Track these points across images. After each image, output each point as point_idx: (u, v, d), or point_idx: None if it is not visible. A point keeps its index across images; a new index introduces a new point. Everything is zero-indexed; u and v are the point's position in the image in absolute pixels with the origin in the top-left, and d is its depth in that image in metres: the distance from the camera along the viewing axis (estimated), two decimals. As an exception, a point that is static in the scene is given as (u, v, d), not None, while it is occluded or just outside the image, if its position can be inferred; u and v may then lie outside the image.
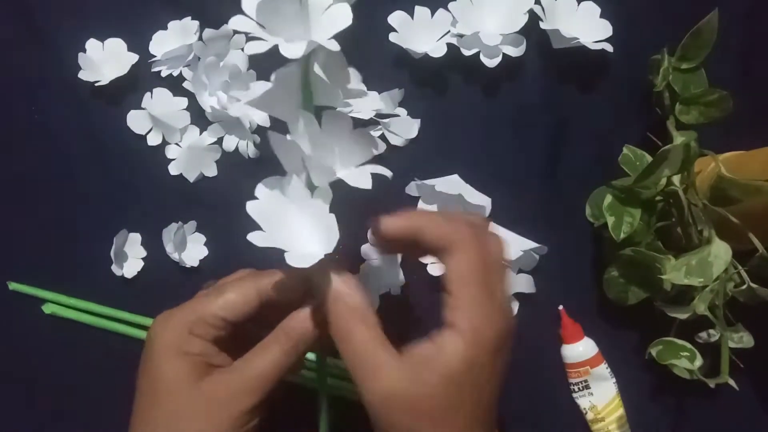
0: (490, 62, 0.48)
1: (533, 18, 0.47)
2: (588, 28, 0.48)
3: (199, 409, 0.31)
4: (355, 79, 0.42)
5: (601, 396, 0.46)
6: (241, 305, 0.33)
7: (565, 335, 0.47)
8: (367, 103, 0.46)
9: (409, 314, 0.48)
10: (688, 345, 0.41)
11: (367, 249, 0.49)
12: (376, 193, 0.49)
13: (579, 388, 0.47)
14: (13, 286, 0.49)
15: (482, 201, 0.47)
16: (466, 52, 0.48)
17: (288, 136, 0.32)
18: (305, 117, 0.31)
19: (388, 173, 0.32)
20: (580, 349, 0.47)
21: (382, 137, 0.49)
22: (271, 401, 0.32)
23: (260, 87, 0.31)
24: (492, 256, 0.31)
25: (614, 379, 0.47)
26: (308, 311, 0.32)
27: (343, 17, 0.31)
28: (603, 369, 0.47)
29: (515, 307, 0.48)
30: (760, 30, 0.50)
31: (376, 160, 0.49)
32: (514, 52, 0.47)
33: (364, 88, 0.42)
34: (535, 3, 0.47)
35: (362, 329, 0.30)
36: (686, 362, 0.40)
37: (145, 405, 0.33)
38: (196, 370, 0.32)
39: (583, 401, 0.47)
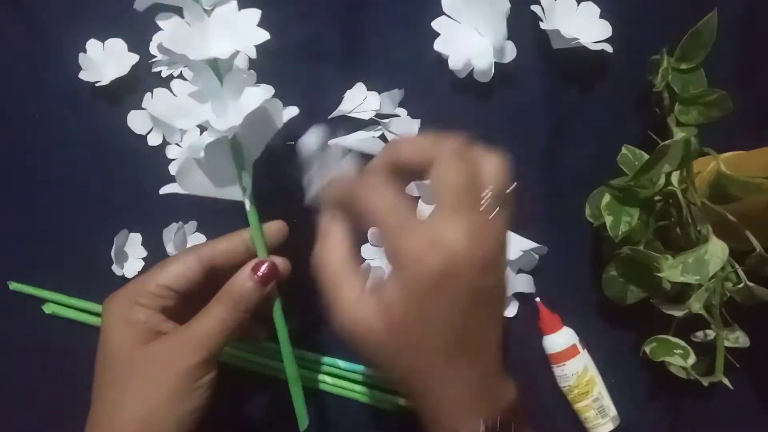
0: (483, 77, 0.48)
1: (533, 18, 0.47)
2: (588, 29, 0.48)
3: (146, 369, 0.33)
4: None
5: (571, 367, 0.46)
6: (183, 272, 0.35)
7: (544, 326, 0.47)
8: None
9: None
10: (682, 343, 0.41)
11: (367, 249, 0.49)
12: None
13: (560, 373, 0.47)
14: (13, 285, 0.49)
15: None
16: (457, 70, 0.48)
17: None
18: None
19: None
20: (560, 340, 0.47)
21: (382, 137, 0.49)
22: (217, 360, 0.34)
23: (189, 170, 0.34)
24: (477, 175, 0.31)
25: (584, 351, 0.47)
26: (248, 271, 0.34)
27: (254, 101, 0.35)
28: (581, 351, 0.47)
29: (515, 306, 0.48)
30: (760, 30, 0.50)
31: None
32: (505, 59, 0.47)
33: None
34: (535, 3, 0.47)
35: (334, 260, 0.32)
36: (679, 359, 0.41)
37: (99, 374, 0.34)
38: (143, 336, 0.34)
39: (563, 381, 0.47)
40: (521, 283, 0.48)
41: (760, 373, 0.47)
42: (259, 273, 0.35)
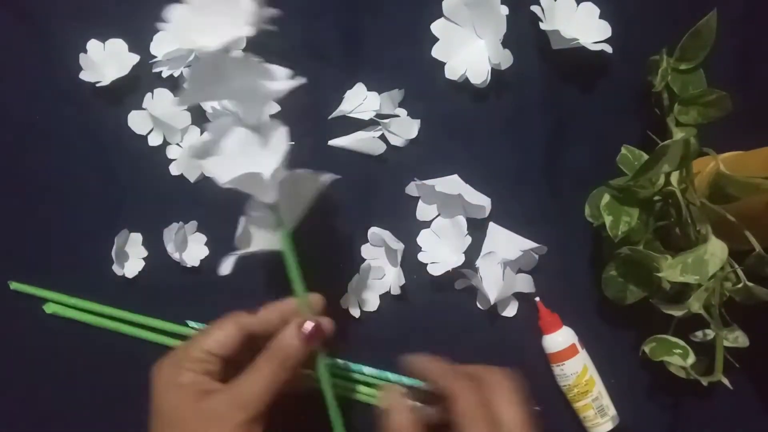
0: (480, 84, 0.48)
1: (533, 19, 0.47)
2: (587, 29, 0.48)
3: (200, 426, 0.34)
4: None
5: (570, 367, 0.47)
6: (224, 340, 0.37)
7: (543, 326, 0.47)
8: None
9: (408, 313, 0.49)
10: (681, 342, 0.41)
11: (367, 249, 0.49)
12: (377, 192, 0.50)
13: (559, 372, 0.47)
14: (14, 285, 0.49)
15: (482, 201, 0.47)
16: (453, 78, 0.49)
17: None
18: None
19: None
20: (559, 339, 0.47)
21: (382, 137, 0.49)
22: (269, 415, 0.35)
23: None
24: (490, 403, 0.36)
25: (583, 350, 0.47)
26: (293, 330, 0.36)
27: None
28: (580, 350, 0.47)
29: (515, 306, 0.48)
30: (759, 30, 0.50)
31: (377, 161, 0.50)
32: (503, 66, 0.47)
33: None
34: (535, 4, 0.47)
35: None
36: (679, 359, 0.41)
37: (154, 427, 0.36)
38: (194, 397, 0.35)
39: (562, 380, 0.47)
40: (521, 283, 0.48)
41: (759, 373, 0.47)
42: (305, 331, 0.36)
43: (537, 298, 0.48)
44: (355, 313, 0.49)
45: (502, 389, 0.36)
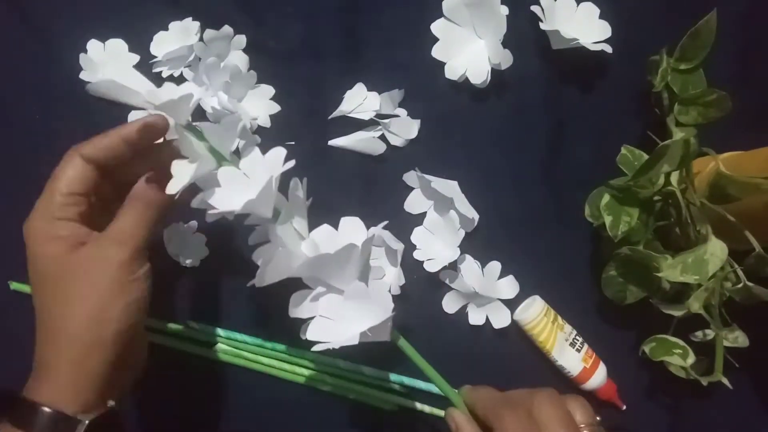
0: (480, 84, 0.48)
1: (533, 19, 0.47)
2: (587, 29, 0.48)
3: (82, 273, 0.35)
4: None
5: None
6: (75, 174, 0.36)
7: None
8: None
9: (409, 311, 0.49)
10: (681, 342, 0.41)
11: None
12: (377, 191, 0.50)
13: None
14: (14, 285, 0.49)
15: (471, 214, 0.47)
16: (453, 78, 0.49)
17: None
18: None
19: None
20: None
21: (382, 138, 0.49)
22: (147, 252, 0.36)
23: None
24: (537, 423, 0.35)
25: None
26: (144, 179, 0.36)
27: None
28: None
29: (506, 315, 0.48)
30: (759, 30, 0.50)
31: (377, 161, 0.50)
32: (502, 66, 0.47)
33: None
34: (535, 4, 0.47)
35: None
36: (679, 359, 0.41)
37: (37, 291, 0.36)
38: (70, 248, 0.35)
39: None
40: (503, 289, 0.48)
41: (759, 372, 0.47)
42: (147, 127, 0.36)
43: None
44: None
45: (548, 412, 0.35)
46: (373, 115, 0.48)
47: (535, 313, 0.46)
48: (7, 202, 0.50)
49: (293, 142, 0.49)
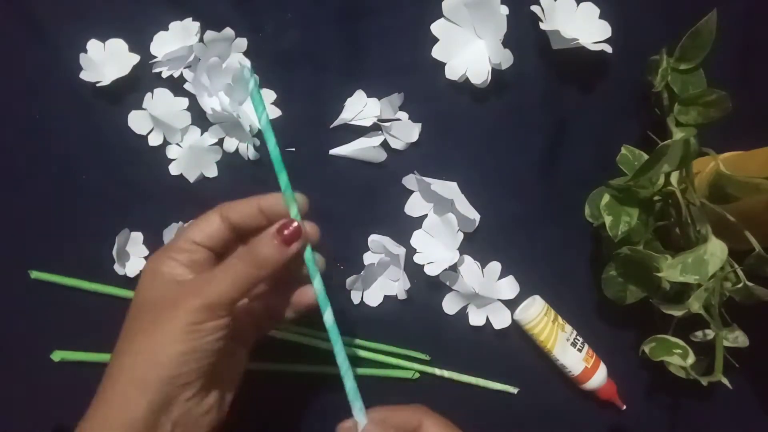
0: (480, 84, 0.48)
1: (533, 19, 0.47)
2: (587, 29, 0.48)
3: (155, 309, 0.34)
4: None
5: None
6: (207, 228, 0.37)
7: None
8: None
9: (409, 313, 0.49)
10: (681, 342, 0.41)
11: (368, 257, 0.49)
12: (379, 197, 0.50)
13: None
14: (35, 274, 0.49)
15: (472, 214, 0.47)
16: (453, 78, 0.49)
17: None
18: None
19: None
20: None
21: (384, 143, 0.49)
22: (233, 309, 0.35)
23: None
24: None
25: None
26: (273, 230, 0.35)
27: None
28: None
29: (506, 315, 0.48)
30: (759, 30, 0.50)
31: (378, 166, 0.50)
32: (503, 65, 0.47)
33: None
34: (535, 4, 0.47)
35: None
36: (679, 359, 0.41)
37: (126, 319, 0.36)
38: (166, 284, 0.35)
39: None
40: (503, 289, 0.48)
41: (759, 372, 0.47)
42: (285, 233, 0.35)
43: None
44: (356, 299, 0.49)
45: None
46: (374, 120, 0.48)
47: (535, 312, 0.46)
48: (8, 203, 0.50)
49: (293, 149, 0.49)
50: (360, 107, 0.48)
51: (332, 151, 0.49)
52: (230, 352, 0.38)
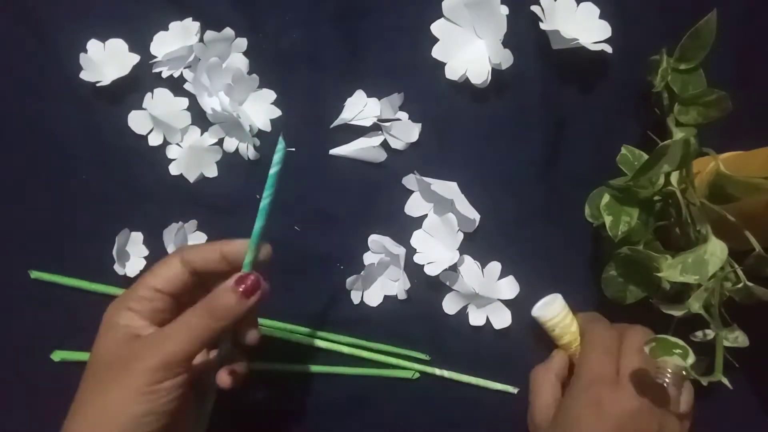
0: (480, 84, 0.48)
1: (533, 19, 0.47)
2: (587, 29, 0.48)
3: (112, 367, 0.34)
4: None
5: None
6: (167, 274, 0.36)
7: None
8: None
9: (409, 313, 0.49)
10: (681, 342, 0.41)
11: (369, 257, 0.49)
12: (379, 197, 0.50)
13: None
14: (34, 274, 0.49)
15: (472, 214, 0.47)
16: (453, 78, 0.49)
17: None
18: None
19: None
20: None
21: (384, 144, 0.49)
22: (191, 365, 0.34)
23: None
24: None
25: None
26: (231, 283, 0.35)
27: None
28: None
29: (506, 315, 0.48)
30: (759, 30, 0.50)
31: (378, 165, 0.50)
32: (503, 65, 0.47)
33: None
34: (535, 4, 0.47)
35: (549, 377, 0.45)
36: (679, 359, 0.41)
37: (84, 375, 0.35)
38: (123, 339, 0.34)
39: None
40: (505, 289, 0.48)
41: (759, 372, 0.47)
42: (243, 287, 0.35)
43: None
44: (356, 299, 0.49)
45: (633, 340, 0.41)
46: (374, 120, 0.48)
47: (556, 310, 0.46)
48: (8, 203, 0.50)
49: (293, 149, 0.49)
50: (360, 107, 0.48)
51: (332, 151, 0.49)
52: (192, 402, 0.37)
